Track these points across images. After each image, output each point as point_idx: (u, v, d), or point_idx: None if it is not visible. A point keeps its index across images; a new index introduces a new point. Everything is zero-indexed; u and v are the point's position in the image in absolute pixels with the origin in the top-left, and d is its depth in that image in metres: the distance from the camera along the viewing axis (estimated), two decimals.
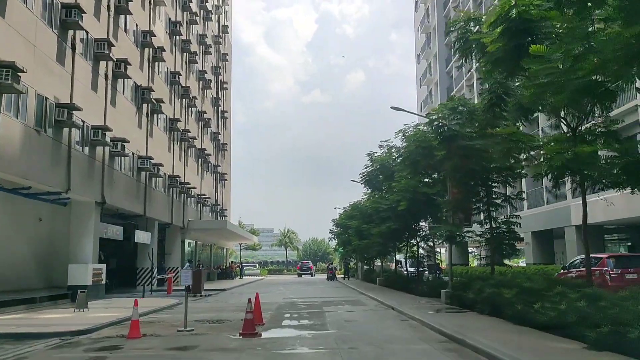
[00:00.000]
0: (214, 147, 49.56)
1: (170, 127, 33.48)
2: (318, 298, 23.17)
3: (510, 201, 15.58)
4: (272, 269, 78.99)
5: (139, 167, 27.19)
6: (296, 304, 19.70)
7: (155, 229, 31.04)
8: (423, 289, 22.10)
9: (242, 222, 76.75)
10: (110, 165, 23.50)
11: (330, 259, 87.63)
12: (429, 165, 16.64)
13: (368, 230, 29.99)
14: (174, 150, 34.33)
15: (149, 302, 19.60)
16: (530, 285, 11.40)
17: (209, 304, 20.63)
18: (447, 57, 55.48)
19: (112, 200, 23.76)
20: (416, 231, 24.58)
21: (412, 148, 16.06)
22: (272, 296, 24.92)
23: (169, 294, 26.02)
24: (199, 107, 41.98)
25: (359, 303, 20.01)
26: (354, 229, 36.52)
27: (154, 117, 30.10)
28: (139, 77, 27.52)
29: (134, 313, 10.95)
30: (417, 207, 21.58)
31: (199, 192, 41.82)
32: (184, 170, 36.92)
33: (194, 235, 39.60)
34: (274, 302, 20.51)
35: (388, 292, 24.70)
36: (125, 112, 25.66)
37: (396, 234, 24.66)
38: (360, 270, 47.37)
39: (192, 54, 39.04)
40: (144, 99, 27.83)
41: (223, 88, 54.11)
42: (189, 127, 37.87)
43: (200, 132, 43.09)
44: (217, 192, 50.63)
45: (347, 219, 41.48)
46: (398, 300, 18.82)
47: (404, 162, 16.48)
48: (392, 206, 22.98)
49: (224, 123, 55.21)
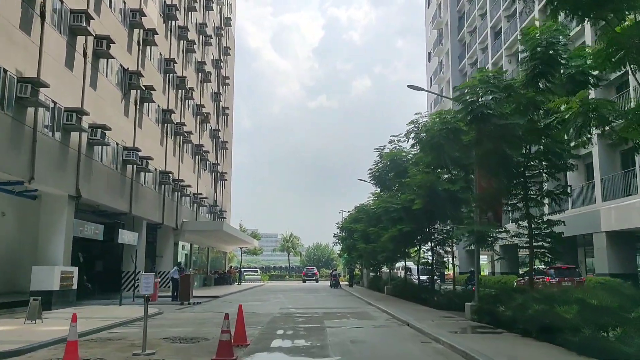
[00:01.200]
0: (214, 145, 46.94)
1: (163, 119, 30.88)
2: (319, 309, 20.39)
3: (554, 197, 12.76)
4: (274, 275, 76.20)
5: (125, 159, 24.55)
6: (293, 317, 16.92)
7: (143, 229, 28.37)
8: (439, 300, 19.31)
9: (244, 226, 74.10)
10: (88, 155, 20.87)
11: (334, 265, 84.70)
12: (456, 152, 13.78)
13: (376, 233, 27.23)
14: (166, 144, 31.70)
15: (122, 312, 16.89)
16: (599, 303, 8.57)
17: (193, 314, 17.88)
18: (460, 54, 52.78)
19: (91, 195, 21.12)
20: (431, 234, 21.77)
21: (435, 129, 13.29)
22: (268, 306, 22.16)
23: (153, 301, 23.26)
24: (196, 100, 39.39)
25: (366, 316, 17.21)
26: (359, 232, 33.85)
27: (143, 105, 27.49)
28: (126, 60, 24.94)
29: (70, 332, 8.22)
30: (435, 206, 18.81)
31: (196, 191, 39.18)
32: (178, 166, 34.28)
33: (188, 237, 36.90)
34: (267, 314, 17.76)
35: (398, 303, 21.88)
36: (109, 97, 23.06)
37: (409, 238, 21.88)
38: (366, 278, 44.47)
39: (190, 43, 36.49)
40: (132, 85, 25.23)
41: (224, 83, 51.58)
42: (185, 120, 35.28)
43: (199, 127, 40.50)
44: (216, 193, 47.97)
45: (353, 223, 38.83)
46: (412, 314, 16.01)
47: (424, 147, 13.69)
48: (405, 206, 20.25)
49: (225, 120, 52.62)
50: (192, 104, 38.39)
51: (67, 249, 19.52)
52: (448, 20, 54.78)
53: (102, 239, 23.10)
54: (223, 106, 50.91)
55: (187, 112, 36.87)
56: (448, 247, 21.74)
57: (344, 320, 15.59)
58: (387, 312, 17.62)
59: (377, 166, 25.55)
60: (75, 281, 19.44)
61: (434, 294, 21.18)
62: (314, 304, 23.65)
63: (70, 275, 18.94)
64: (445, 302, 18.29)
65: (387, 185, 25.61)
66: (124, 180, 24.80)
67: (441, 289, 21.95)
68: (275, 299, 27.59)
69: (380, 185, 26.17)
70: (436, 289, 22.16)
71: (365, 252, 32.53)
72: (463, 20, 52.88)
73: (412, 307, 19.54)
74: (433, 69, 59.49)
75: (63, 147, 18.98)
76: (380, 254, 28.83)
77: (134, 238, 26.75)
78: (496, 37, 42.55)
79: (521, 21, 37.49)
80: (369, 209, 33.56)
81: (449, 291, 20.06)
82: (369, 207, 34.14)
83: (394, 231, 21.28)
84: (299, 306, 21.83)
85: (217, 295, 28.91)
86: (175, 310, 19.30)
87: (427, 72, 63.89)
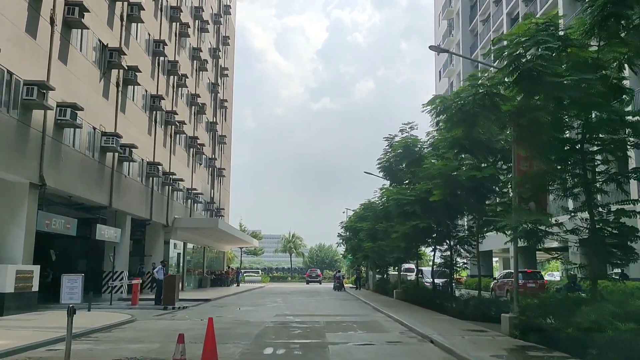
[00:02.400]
0: (211, 138, 44.22)
1: (151, 105, 28.16)
2: (321, 316, 17.59)
3: (619, 181, 9.90)
4: (276, 276, 73.37)
5: (103, 145, 21.84)
6: (289, 327, 14.11)
7: (127, 224, 25.66)
8: (459, 307, 16.50)
9: (244, 225, 71.36)
10: (55, 137, 18.16)
11: (337, 267, 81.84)
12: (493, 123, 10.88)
13: (384, 230, 24.46)
14: (155, 133, 28.98)
15: (86, 320, 14.12)
16: None
17: (170, 323, 15.10)
18: (471, 45, 49.93)
19: (59, 184, 18.43)
20: (450, 231, 18.93)
21: (467, 95, 10.43)
22: (262, 312, 19.38)
23: (134, 305, 20.57)
24: (191, 89, 36.68)
25: (376, 327, 14.38)
26: (365, 231, 31.08)
27: (127, 89, 24.79)
28: (105, 34, 22.24)
29: None
30: (456, 198, 16.03)
31: (190, 186, 36.46)
32: (169, 158, 31.57)
33: (181, 235, 34.14)
34: (259, 323, 14.97)
35: (411, 310, 19.07)
36: (83, 74, 20.35)
37: (424, 235, 19.06)
38: (372, 280, 41.59)
39: (184, 26, 33.78)
40: (113, 63, 22.53)
41: (223, 74, 48.87)
42: (177, 109, 32.57)
43: (194, 119, 37.78)
44: (213, 189, 45.23)
45: (358, 221, 36.07)
46: (432, 325, 13.20)
47: (452, 118, 10.81)
48: (421, 197, 17.46)
49: (224, 113, 49.89)
50: (186, 92, 35.69)
51: (28, 245, 16.79)
52: (459, 9, 51.98)
53: (75, 235, 20.38)
54: (221, 98, 48.21)
55: (180, 101, 34.17)
56: (469, 246, 18.87)
57: (350, 334, 12.78)
58: (402, 322, 14.78)
59: (386, 156, 22.74)
60: (36, 282, 16.66)
61: (452, 301, 18.35)
62: (315, 309, 20.86)
63: (28, 275, 16.18)
64: (470, 311, 15.45)
65: (397, 178, 22.78)
66: (102, 170, 22.09)
67: (461, 294, 19.07)
68: (272, 303, 24.81)
69: (391, 177, 23.32)
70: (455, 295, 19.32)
71: (372, 252, 29.70)
72: (475, 8, 50.07)
73: (429, 315, 16.70)
74: (442, 62, 56.60)
75: (22, 127, 16.26)
76: (389, 254, 26.02)
77: (115, 235, 24.13)
78: (512, 23, 39.65)
79: (541, 4, 34.67)
80: (376, 206, 30.88)
81: (471, 297, 17.21)
82: (376, 204, 31.44)
83: (407, 227, 18.46)
84: (298, 312, 19.04)
85: (209, 299, 26.15)
86: (152, 317, 16.54)
87: (435, 65, 61.02)
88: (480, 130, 11.72)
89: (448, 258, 19.40)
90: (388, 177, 23.89)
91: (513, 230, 10.36)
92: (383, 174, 23.41)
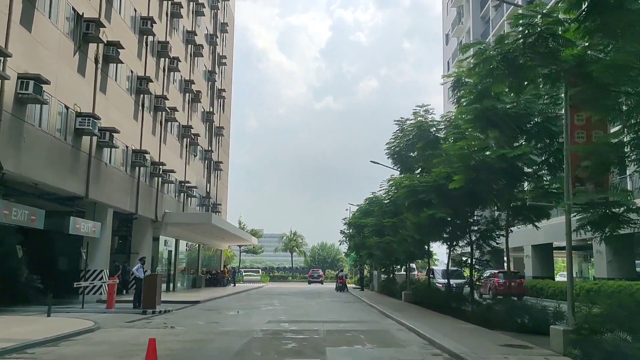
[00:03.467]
0: (207, 129, 41.76)
1: (138, 88, 25.71)
2: (321, 323, 15.09)
3: None
4: (276, 276, 70.93)
5: (78, 128, 19.39)
6: (281, 338, 11.62)
7: (108, 218, 23.19)
8: (482, 313, 14.03)
9: (243, 223, 68.84)
10: (16, 114, 15.70)
11: (340, 266, 79.33)
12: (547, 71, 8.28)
13: (394, 224, 21.98)
14: (142, 119, 26.53)
15: (40, 327, 11.66)
16: None
17: (137, 332, 12.59)
18: (482, 32, 47.31)
19: (21, 168, 15.98)
20: (470, 223, 16.35)
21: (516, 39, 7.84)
22: (254, 317, 16.91)
23: (109, 309, 18.13)
24: (184, 74, 34.22)
25: (388, 339, 11.88)
26: (370, 227, 28.60)
27: (108, 67, 22.33)
28: (80, 3, 19.74)
29: None
30: (481, 184, 13.49)
31: (183, 179, 34.00)
32: (159, 147, 29.13)
33: (172, 231, 31.69)
34: (246, 333, 12.49)
35: (425, 315, 16.59)
36: (52, 44, 17.89)
37: (441, 228, 16.48)
38: (377, 280, 39.05)
39: (176, 6, 31.34)
40: (88, 36, 20.07)
41: (221, 63, 46.39)
42: (168, 95, 30.13)
43: (188, 107, 35.32)
44: (209, 183, 42.75)
45: (363, 217, 33.59)
46: (457, 337, 10.71)
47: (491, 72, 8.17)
48: (437, 185, 14.97)
49: (221, 104, 47.41)
50: (179, 78, 33.24)
51: None
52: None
53: (42, 228, 17.92)
54: (219, 88, 45.73)
55: (172, 86, 31.72)
56: (492, 241, 16.29)
57: (357, 349, 10.28)
58: (418, 333, 12.28)
59: (396, 140, 20.20)
60: None
61: (473, 305, 15.85)
62: (315, 314, 18.36)
63: None
64: (496, 318, 12.95)
65: (408, 165, 20.23)
66: (77, 156, 19.64)
67: (483, 297, 16.53)
68: (267, 306, 22.34)
69: (401, 164, 20.75)
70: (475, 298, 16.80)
71: (378, 249, 27.17)
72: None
73: (448, 323, 14.20)
74: (452, 51, 54.00)
75: None
76: (398, 250, 23.48)
77: (94, 229, 21.71)
78: None
79: None
80: (382, 199, 28.44)
81: (498, 301, 14.66)
82: (382, 198, 28.98)
83: (422, 218, 15.89)
84: (295, 318, 16.55)
85: (198, 301, 23.71)
86: (121, 324, 14.07)
87: (443, 55, 58.44)
88: (530, 86, 9.15)
89: (467, 255, 16.83)
90: (398, 165, 21.33)
91: (583, 212, 7.83)
92: (392, 160, 20.83)
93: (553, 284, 29.16)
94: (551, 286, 28.62)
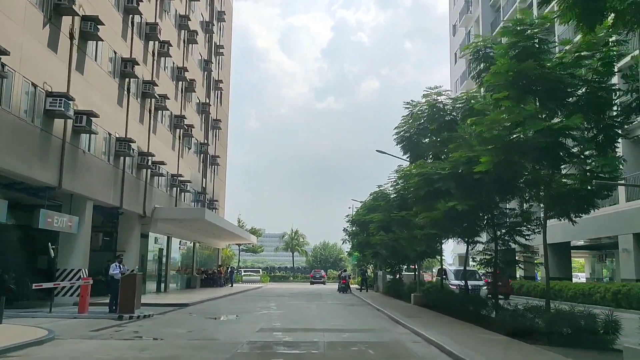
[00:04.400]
0: (202, 121, 39.58)
1: (122, 71, 23.52)
2: (321, 332, 12.87)
3: None
4: (277, 276, 68.74)
5: (48, 109, 17.18)
6: (271, 352, 9.40)
7: (87, 212, 20.96)
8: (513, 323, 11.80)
9: (243, 221, 66.61)
10: None
11: (342, 266, 77.05)
12: None
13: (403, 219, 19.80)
14: (128, 104, 24.34)
15: None
16: None
17: (98, 346, 10.35)
18: (492, 21, 45.00)
19: None
20: (495, 216, 14.07)
21: None
22: (244, 323, 14.69)
23: (81, 314, 15.92)
24: (177, 60, 32.04)
25: (402, 355, 9.64)
26: (376, 223, 26.45)
27: (86, 44, 20.13)
28: None
29: None
30: (513, 168, 11.27)
31: (175, 172, 31.83)
32: (147, 136, 26.96)
33: (163, 228, 29.49)
34: (229, 345, 10.26)
35: (442, 322, 14.35)
36: (14, 13, 15.70)
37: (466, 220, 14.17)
38: (382, 281, 36.76)
39: None
40: (61, 7, 17.85)
41: (218, 52, 44.18)
42: (158, 81, 27.96)
43: (181, 95, 33.14)
44: (205, 179, 40.54)
45: (367, 213, 31.39)
46: (492, 353, 8.46)
47: None
48: (456, 172, 12.76)
49: (218, 95, 45.22)
50: (170, 64, 31.06)
51: None
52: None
53: (4, 220, 15.75)
54: (216, 79, 43.53)
55: (163, 72, 29.53)
56: (521, 237, 14.00)
57: None
58: (441, 347, 10.02)
59: (406, 124, 17.95)
60: None
61: (497, 311, 13.61)
62: (315, 319, 16.12)
63: None
64: (535, 328, 10.70)
65: (420, 153, 17.95)
66: (48, 141, 17.44)
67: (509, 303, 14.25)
68: (262, 309, 20.11)
69: (411, 152, 18.45)
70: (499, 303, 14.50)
71: (386, 247, 24.93)
72: None
73: (472, 332, 11.96)
74: (459, 42, 51.71)
75: None
76: (407, 248, 21.24)
77: (70, 224, 19.55)
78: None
79: None
80: (389, 193, 26.33)
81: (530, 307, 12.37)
82: (388, 192, 26.84)
83: (438, 212, 13.62)
84: (292, 325, 14.33)
85: (187, 303, 21.51)
86: (84, 333, 11.86)
87: (450, 47, 56.13)
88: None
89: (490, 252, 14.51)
90: (407, 154, 19.03)
91: None
92: (401, 148, 18.53)
93: (573, 286, 26.92)
94: (571, 288, 26.39)
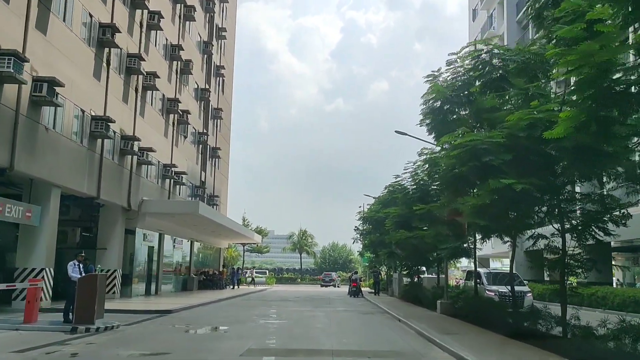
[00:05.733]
0: (201, 109, 36.26)
1: (100, 38, 20.24)
2: (328, 356, 9.38)
3: None
4: (285, 278, 65.39)
5: None
6: None
7: (52, 201, 17.64)
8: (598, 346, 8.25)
9: (248, 220, 63.29)
10: None
11: (352, 267, 73.45)
12: None
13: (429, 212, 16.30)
14: (108, 79, 21.05)
15: None
16: None
17: None
18: (518, 2, 41.29)
19: None
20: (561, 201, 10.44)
21: None
22: (232, 339, 11.23)
23: (27, 324, 12.56)
24: (170, 37, 28.76)
25: None
26: (393, 218, 23.06)
27: (50, 1, 16.87)
28: None
29: None
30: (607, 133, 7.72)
31: (169, 161, 28.53)
32: (133, 118, 23.69)
33: (152, 224, 26.16)
34: None
35: (491, 339, 10.85)
36: None
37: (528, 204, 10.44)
38: (397, 284, 33.13)
39: None
40: None
41: (220, 36, 40.88)
42: (147, 57, 24.69)
43: (175, 77, 29.84)
44: (205, 172, 37.19)
45: (382, 208, 27.97)
46: None
47: None
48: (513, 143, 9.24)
49: (220, 82, 41.88)
50: (163, 40, 27.77)
51: None
52: None
53: None
54: (217, 64, 40.22)
55: (154, 48, 26.24)
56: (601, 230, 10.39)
57: None
58: None
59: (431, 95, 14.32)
60: None
61: (564, 327, 10.04)
62: (322, 335, 12.59)
63: None
64: None
65: (447, 126, 14.19)
66: None
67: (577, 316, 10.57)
68: (259, 318, 16.61)
69: (440, 129, 14.75)
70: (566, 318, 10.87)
71: (405, 246, 21.39)
72: None
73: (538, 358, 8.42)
74: (480, 25, 48.01)
75: None
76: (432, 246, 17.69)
77: (29, 214, 16.28)
78: None
79: None
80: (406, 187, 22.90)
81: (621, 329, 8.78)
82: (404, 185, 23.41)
83: (486, 195, 10.03)
84: (290, 343, 10.85)
85: (170, 310, 18.08)
86: (4, 356, 8.50)
87: (469, 33, 52.37)
88: None
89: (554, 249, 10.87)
90: (434, 131, 15.30)
91: None
92: (429, 122, 14.84)
93: (621, 292, 23.01)
94: (618, 294, 22.49)
